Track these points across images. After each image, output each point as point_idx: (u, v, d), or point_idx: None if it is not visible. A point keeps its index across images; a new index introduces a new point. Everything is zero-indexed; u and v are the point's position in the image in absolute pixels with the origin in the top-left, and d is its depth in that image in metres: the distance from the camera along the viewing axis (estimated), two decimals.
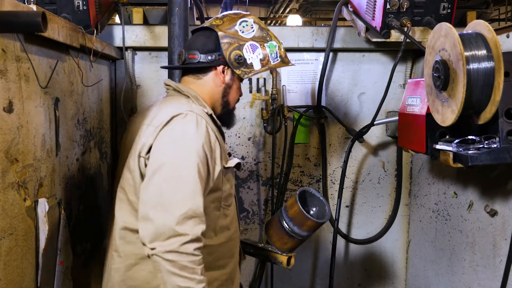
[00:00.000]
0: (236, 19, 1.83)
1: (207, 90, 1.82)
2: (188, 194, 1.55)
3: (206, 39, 1.81)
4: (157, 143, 1.60)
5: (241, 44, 1.79)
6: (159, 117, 1.66)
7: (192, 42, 1.86)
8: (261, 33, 1.86)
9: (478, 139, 1.86)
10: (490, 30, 1.68)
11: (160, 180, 1.55)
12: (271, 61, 1.86)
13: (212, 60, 1.79)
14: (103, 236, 2.77)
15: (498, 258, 2.18)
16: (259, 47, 1.83)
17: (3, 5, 1.31)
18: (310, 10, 13.52)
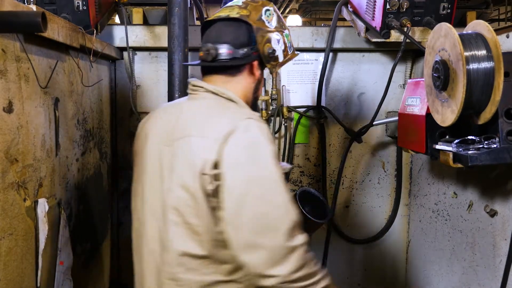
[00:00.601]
0: (260, 8, 1.66)
1: (242, 89, 1.62)
2: (285, 206, 1.41)
3: (237, 32, 1.60)
4: (229, 159, 1.39)
5: (270, 36, 1.64)
6: (215, 128, 1.45)
7: (219, 35, 1.61)
8: (280, 21, 1.73)
9: (478, 139, 1.86)
10: (490, 30, 1.68)
11: (254, 201, 1.38)
12: (289, 51, 1.74)
13: (247, 55, 1.59)
14: (103, 236, 2.77)
15: (498, 258, 2.18)
16: (280, 38, 1.70)
17: (3, 5, 1.31)
18: (310, 10, 13.52)
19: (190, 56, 2.72)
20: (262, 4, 1.69)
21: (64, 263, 1.83)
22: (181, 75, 2.54)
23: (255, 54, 1.61)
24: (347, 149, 2.99)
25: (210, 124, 1.48)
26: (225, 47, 1.58)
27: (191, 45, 2.68)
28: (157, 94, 3.03)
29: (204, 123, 1.49)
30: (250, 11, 1.63)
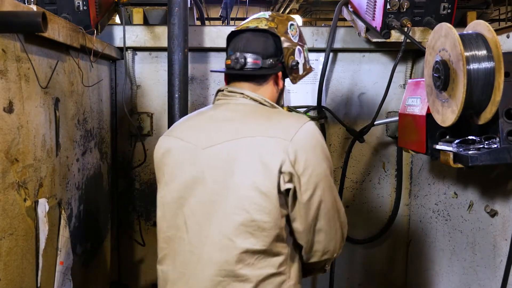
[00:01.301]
0: (285, 22, 1.77)
1: (268, 97, 1.70)
2: (337, 194, 1.65)
3: (266, 43, 1.69)
4: (303, 157, 1.49)
5: (293, 48, 1.75)
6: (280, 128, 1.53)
7: (248, 45, 1.69)
8: (301, 36, 1.84)
9: (478, 139, 1.86)
10: (490, 30, 1.68)
11: (326, 192, 1.55)
12: (307, 65, 1.86)
13: (274, 66, 1.69)
14: (103, 236, 2.78)
15: (498, 258, 2.18)
16: (302, 52, 1.82)
17: (3, 5, 1.31)
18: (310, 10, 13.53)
19: (190, 56, 2.72)
20: (287, 19, 1.79)
21: (64, 263, 1.83)
22: (181, 75, 2.54)
23: (280, 65, 1.71)
24: (349, 149, 2.99)
25: (272, 125, 1.55)
26: (254, 57, 1.66)
27: (191, 45, 2.68)
28: (157, 94, 3.03)
29: (264, 125, 1.55)
30: (277, 24, 1.73)
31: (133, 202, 3.09)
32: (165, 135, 1.70)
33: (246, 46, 1.69)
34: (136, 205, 3.09)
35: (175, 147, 1.63)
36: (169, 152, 1.64)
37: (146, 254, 3.14)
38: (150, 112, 3.04)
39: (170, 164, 1.63)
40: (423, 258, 2.97)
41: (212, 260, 1.52)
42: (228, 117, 1.62)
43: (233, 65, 1.67)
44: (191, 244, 1.56)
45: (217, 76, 3.08)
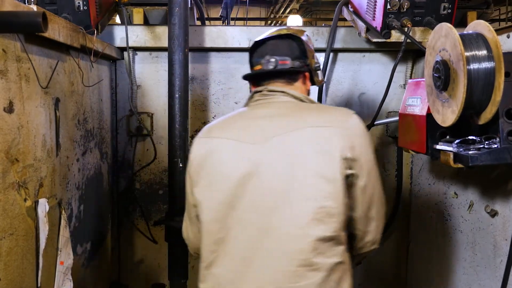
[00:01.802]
0: (302, 32, 1.86)
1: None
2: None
3: (291, 46, 1.79)
4: (359, 143, 1.60)
5: (314, 54, 1.85)
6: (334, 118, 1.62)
7: (276, 49, 1.79)
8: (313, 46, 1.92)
9: (478, 140, 1.86)
10: (491, 30, 1.68)
11: (376, 179, 1.67)
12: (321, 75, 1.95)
13: (301, 66, 1.78)
14: (103, 236, 2.78)
15: (498, 258, 2.18)
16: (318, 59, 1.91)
17: (3, 5, 1.31)
18: (311, 10, 13.54)
19: (191, 57, 2.72)
20: (302, 30, 1.89)
21: (64, 263, 1.83)
22: (181, 75, 2.54)
23: (305, 67, 1.80)
24: None
25: (323, 116, 1.63)
26: (283, 58, 1.76)
27: (191, 45, 2.68)
28: (158, 94, 3.03)
29: (316, 116, 1.64)
30: (296, 32, 1.83)
31: (133, 202, 3.09)
32: (203, 137, 1.69)
33: (274, 50, 1.78)
34: (136, 205, 3.09)
35: (220, 147, 1.63)
36: (213, 153, 1.62)
37: (146, 254, 3.14)
38: (151, 112, 3.04)
39: (216, 165, 1.61)
40: (423, 258, 2.97)
41: (284, 251, 1.51)
42: (275, 113, 1.66)
43: (265, 67, 1.75)
44: (250, 241, 1.54)
45: (217, 76, 3.08)
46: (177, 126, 2.55)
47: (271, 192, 1.54)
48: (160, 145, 3.06)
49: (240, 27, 3.02)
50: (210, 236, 1.61)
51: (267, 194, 1.54)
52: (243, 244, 1.55)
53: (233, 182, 1.57)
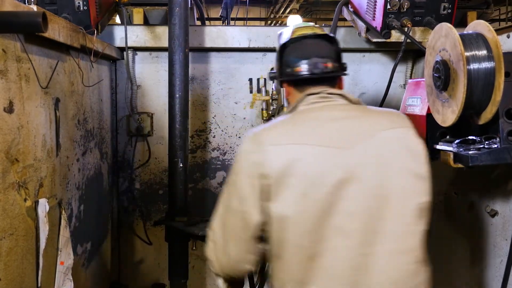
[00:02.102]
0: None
1: None
2: None
3: (330, 47, 1.74)
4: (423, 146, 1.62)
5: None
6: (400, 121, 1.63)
7: (319, 49, 1.72)
8: None
9: (478, 139, 1.86)
10: (491, 30, 1.68)
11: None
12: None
13: (341, 69, 1.75)
14: (103, 236, 2.78)
15: (498, 258, 2.18)
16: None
17: (3, 5, 1.31)
18: (311, 10, 13.54)
19: (191, 57, 2.72)
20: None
21: (65, 263, 1.83)
22: (181, 75, 2.54)
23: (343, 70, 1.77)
24: None
25: (389, 117, 1.64)
26: (327, 61, 1.71)
27: (191, 45, 2.68)
28: (158, 94, 3.03)
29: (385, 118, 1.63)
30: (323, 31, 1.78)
31: (133, 202, 3.09)
32: (276, 145, 1.53)
33: (317, 52, 1.72)
34: (136, 205, 3.09)
35: (303, 154, 1.51)
36: (296, 161, 1.49)
37: (146, 254, 3.14)
38: (151, 112, 3.04)
39: (301, 174, 1.49)
40: None
41: (399, 251, 1.51)
42: (344, 115, 1.61)
43: (312, 70, 1.69)
44: (356, 248, 1.48)
45: (217, 76, 3.08)
46: (178, 126, 2.56)
47: (371, 195, 1.49)
48: (160, 145, 3.06)
49: (240, 27, 3.02)
50: (301, 252, 1.49)
51: (367, 198, 1.49)
52: (348, 252, 1.48)
53: (327, 190, 1.47)
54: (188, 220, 2.50)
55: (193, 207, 2.76)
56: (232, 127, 3.11)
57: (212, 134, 3.11)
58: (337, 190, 1.48)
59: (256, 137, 1.57)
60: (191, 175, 3.07)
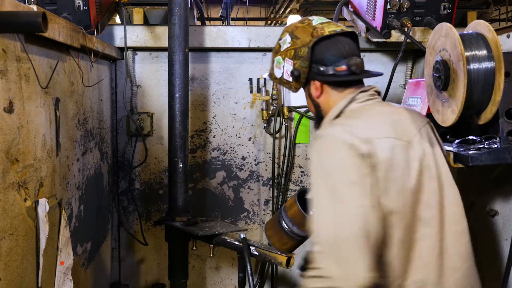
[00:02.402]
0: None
1: None
2: None
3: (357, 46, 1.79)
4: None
5: None
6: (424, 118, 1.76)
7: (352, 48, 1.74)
8: None
9: (478, 139, 1.86)
10: (491, 30, 1.68)
11: None
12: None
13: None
14: (103, 236, 2.78)
15: (498, 258, 2.18)
16: None
17: (3, 5, 1.31)
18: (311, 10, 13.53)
19: (191, 57, 2.72)
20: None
21: (65, 263, 1.83)
22: (181, 75, 2.54)
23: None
24: None
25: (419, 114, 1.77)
26: (361, 60, 1.74)
27: (191, 45, 2.68)
28: (158, 94, 3.03)
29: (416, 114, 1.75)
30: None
31: (133, 202, 3.10)
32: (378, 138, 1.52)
33: (352, 50, 1.74)
34: (136, 205, 3.09)
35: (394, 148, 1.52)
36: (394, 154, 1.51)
37: (146, 254, 3.14)
38: (151, 112, 3.04)
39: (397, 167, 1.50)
40: None
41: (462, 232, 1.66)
42: (395, 111, 1.69)
43: (355, 70, 1.70)
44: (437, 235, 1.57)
45: (217, 76, 3.08)
46: (177, 126, 2.56)
47: (437, 183, 1.60)
48: (160, 145, 3.06)
49: (240, 27, 3.02)
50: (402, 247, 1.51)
51: (435, 186, 1.59)
52: (432, 240, 1.55)
53: (415, 181, 1.52)
54: (188, 220, 2.50)
55: (193, 207, 2.76)
56: (232, 127, 3.11)
57: (212, 134, 3.11)
58: (419, 181, 1.54)
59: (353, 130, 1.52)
60: (191, 175, 3.07)
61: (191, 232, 2.40)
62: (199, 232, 2.33)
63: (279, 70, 1.84)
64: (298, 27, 1.79)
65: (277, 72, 1.85)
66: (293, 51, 1.76)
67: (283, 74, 1.83)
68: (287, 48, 1.78)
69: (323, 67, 1.71)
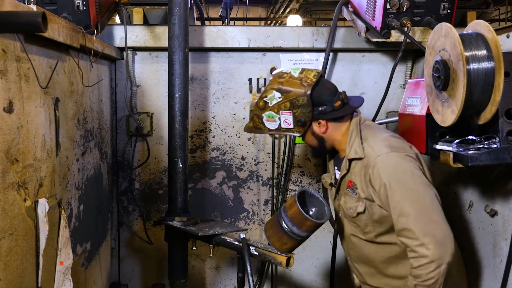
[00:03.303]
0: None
1: None
2: None
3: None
4: None
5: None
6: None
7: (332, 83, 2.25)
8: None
9: (478, 139, 1.86)
10: (490, 30, 1.68)
11: None
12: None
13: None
14: (103, 236, 2.78)
15: (498, 258, 2.18)
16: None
17: (3, 5, 1.31)
18: (310, 10, 13.54)
19: (190, 57, 2.72)
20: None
21: (64, 263, 1.83)
22: (181, 75, 2.54)
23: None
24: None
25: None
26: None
27: (191, 45, 2.68)
28: (157, 94, 3.03)
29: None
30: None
31: (133, 202, 3.10)
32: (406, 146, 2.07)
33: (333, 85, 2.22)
34: (137, 204, 3.09)
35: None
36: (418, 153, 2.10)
37: (146, 254, 3.14)
38: (150, 112, 3.04)
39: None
40: None
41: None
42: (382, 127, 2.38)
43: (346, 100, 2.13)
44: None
45: (217, 76, 3.08)
46: (177, 126, 2.56)
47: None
48: (160, 145, 3.06)
49: (240, 27, 3.02)
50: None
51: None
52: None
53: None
54: (187, 220, 2.49)
55: (193, 207, 2.76)
56: (232, 127, 3.11)
57: (211, 134, 3.11)
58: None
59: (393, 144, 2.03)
60: (191, 175, 3.07)
61: (190, 232, 2.40)
62: (199, 232, 2.33)
63: (273, 123, 2.12)
64: (282, 82, 2.08)
65: (270, 125, 2.13)
66: (289, 103, 2.06)
67: (280, 124, 2.12)
68: (279, 103, 2.07)
69: (323, 107, 2.07)
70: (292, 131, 2.12)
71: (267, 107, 2.10)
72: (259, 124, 2.15)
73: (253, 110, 2.16)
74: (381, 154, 1.96)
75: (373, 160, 1.97)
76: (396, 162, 1.94)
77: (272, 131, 2.16)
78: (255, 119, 2.16)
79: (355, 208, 2.07)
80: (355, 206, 2.07)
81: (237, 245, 2.21)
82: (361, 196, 2.04)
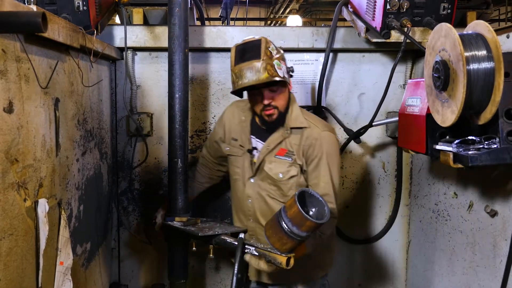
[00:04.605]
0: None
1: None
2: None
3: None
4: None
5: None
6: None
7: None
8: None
9: (478, 140, 1.86)
10: (490, 31, 1.68)
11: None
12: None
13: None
14: (103, 236, 2.77)
15: (498, 258, 2.18)
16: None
17: (3, 5, 1.31)
18: (310, 10, 13.55)
19: (190, 57, 2.72)
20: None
21: (64, 263, 1.83)
22: (181, 75, 2.54)
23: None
24: (342, 149, 3.02)
25: None
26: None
27: (191, 45, 2.68)
28: (157, 94, 3.03)
29: None
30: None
31: (133, 202, 3.09)
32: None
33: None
34: (138, 205, 3.09)
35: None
36: None
37: (146, 254, 3.14)
38: (150, 112, 3.04)
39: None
40: (423, 258, 2.97)
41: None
42: None
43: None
44: None
45: (217, 76, 3.08)
46: (177, 126, 2.55)
47: None
48: (160, 145, 3.06)
49: (240, 27, 3.02)
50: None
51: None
52: None
53: None
54: (187, 220, 2.49)
55: (192, 207, 2.76)
56: None
57: None
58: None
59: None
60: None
61: (190, 233, 2.40)
62: (199, 233, 2.32)
63: (280, 71, 2.24)
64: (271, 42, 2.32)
65: (280, 72, 2.24)
66: (281, 56, 2.29)
67: (284, 74, 2.27)
68: (278, 54, 2.28)
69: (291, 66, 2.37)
70: (288, 82, 2.33)
71: (273, 56, 2.25)
72: (273, 72, 2.22)
73: (264, 60, 2.21)
74: (325, 130, 2.36)
75: (318, 133, 2.33)
76: (334, 141, 2.39)
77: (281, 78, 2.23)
78: (269, 68, 2.21)
79: (287, 173, 2.36)
80: (287, 170, 2.36)
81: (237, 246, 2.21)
82: (297, 162, 2.35)
